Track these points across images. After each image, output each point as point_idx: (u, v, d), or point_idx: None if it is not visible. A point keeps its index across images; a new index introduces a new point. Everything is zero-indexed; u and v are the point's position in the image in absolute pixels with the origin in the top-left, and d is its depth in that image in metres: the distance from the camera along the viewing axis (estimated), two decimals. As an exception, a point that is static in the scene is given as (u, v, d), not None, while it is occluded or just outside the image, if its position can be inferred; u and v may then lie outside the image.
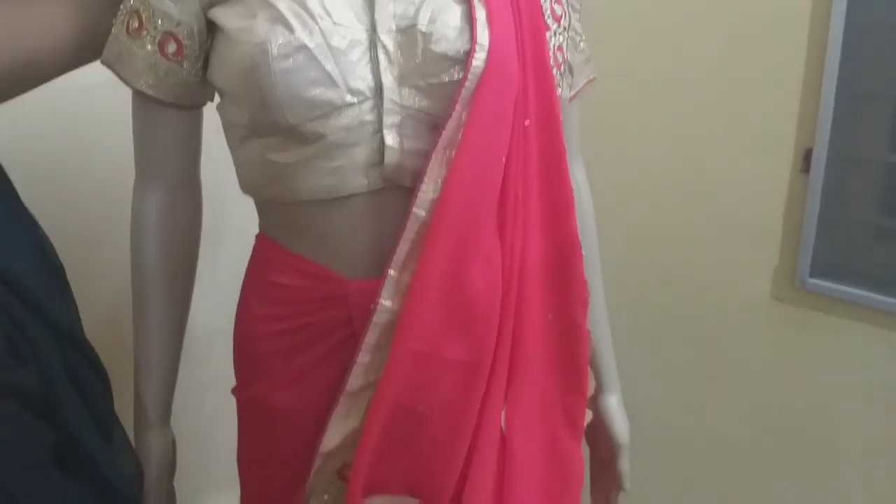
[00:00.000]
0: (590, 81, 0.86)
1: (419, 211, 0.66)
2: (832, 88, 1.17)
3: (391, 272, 0.67)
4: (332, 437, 0.70)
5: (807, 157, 1.22)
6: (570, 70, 0.80)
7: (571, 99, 0.83)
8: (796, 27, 1.20)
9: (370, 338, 0.68)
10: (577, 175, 0.87)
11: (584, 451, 0.82)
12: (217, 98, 0.76)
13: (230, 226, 1.10)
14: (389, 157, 0.67)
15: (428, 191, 0.66)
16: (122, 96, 0.76)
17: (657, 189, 1.45)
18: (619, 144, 1.51)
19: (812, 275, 1.25)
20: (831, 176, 1.21)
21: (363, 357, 0.68)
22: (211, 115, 0.77)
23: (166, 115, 0.74)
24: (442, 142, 0.66)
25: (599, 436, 0.90)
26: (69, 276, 0.73)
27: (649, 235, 1.48)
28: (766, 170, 1.27)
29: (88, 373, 0.68)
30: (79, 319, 0.72)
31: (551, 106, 0.71)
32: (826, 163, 1.20)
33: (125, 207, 0.80)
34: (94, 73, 0.75)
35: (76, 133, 1.05)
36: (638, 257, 1.50)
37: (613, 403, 0.89)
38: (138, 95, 0.73)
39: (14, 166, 0.70)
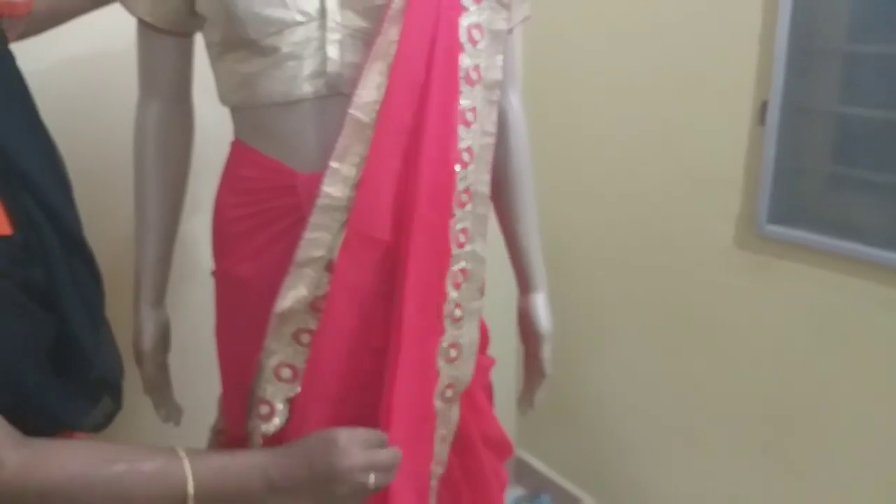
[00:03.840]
0: (526, 18, 0.98)
1: (356, 112, 0.80)
2: (784, 44, 1.24)
3: (333, 164, 0.81)
4: (285, 300, 0.84)
5: (763, 110, 1.30)
6: (505, 6, 0.92)
7: (508, 32, 0.95)
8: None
9: (315, 219, 0.82)
10: (512, 99, 1.00)
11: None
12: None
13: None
14: (331, 68, 0.81)
15: (363, 95, 0.80)
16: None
17: (626, 143, 1.54)
18: (585, 102, 1.61)
19: (770, 221, 1.33)
20: (786, 127, 1.28)
21: (310, 234, 0.82)
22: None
23: (162, 41, 0.90)
24: (374, 54, 0.80)
25: (528, 330, 1.03)
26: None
27: (623, 188, 1.57)
28: (728, 122, 1.35)
29: (86, 273, 0.76)
30: (81, 226, 0.80)
31: (454, 29, 0.83)
32: (780, 115, 1.27)
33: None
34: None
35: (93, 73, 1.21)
36: (613, 208, 1.60)
37: (540, 300, 1.02)
38: (140, 24, 0.90)
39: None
